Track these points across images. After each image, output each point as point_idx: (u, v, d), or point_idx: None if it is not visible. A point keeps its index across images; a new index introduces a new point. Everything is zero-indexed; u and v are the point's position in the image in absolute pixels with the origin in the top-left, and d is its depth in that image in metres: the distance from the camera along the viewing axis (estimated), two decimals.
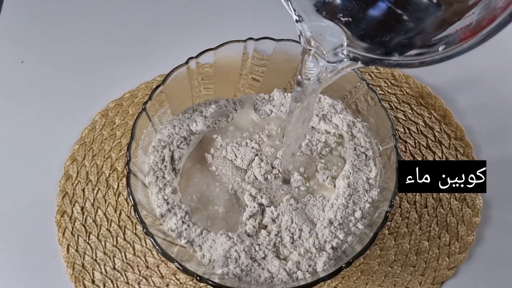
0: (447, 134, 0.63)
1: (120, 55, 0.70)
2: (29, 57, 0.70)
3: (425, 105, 0.65)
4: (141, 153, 0.51)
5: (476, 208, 0.58)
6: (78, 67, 0.69)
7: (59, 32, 0.72)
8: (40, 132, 0.64)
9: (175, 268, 0.55)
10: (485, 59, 0.69)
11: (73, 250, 0.56)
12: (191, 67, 0.54)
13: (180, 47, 0.66)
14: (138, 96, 0.66)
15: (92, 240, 0.57)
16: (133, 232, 0.58)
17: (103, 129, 0.64)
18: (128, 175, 0.47)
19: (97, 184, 0.60)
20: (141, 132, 0.51)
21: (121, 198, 0.59)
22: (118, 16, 0.74)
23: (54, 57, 0.70)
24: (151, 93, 0.51)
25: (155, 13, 0.74)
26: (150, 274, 0.56)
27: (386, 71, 0.67)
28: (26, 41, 0.72)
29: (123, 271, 0.56)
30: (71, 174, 0.61)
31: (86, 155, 0.62)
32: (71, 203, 0.59)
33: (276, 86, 0.60)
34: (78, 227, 0.58)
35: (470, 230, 0.57)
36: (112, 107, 0.65)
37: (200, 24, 0.73)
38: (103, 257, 0.56)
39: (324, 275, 0.44)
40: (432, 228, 0.58)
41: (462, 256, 0.56)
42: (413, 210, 0.59)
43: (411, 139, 0.63)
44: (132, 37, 0.71)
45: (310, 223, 0.50)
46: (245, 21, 0.73)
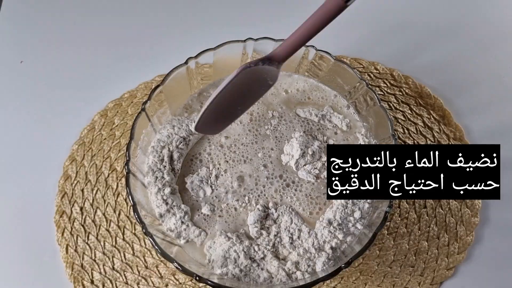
0: (446, 134, 0.63)
1: (119, 55, 0.70)
2: (28, 57, 0.70)
3: (424, 106, 0.65)
4: (140, 153, 0.51)
5: (475, 209, 0.58)
6: (77, 67, 0.69)
7: (58, 32, 0.72)
8: (39, 132, 0.64)
9: (174, 268, 0.55)
10: (484, 60, 0.70)
11: (72, 250, 0.56)
12: (191, 67, 0.53)
13: (180, 47, 0.66)
14: (137, 96, 0.66)
15: (91, 240, 0.57)
16: (132, 232, 0.58)
17: (102, 129, 0.63)
18: (127, 175, 0.47)
19: (96, 184, 0.60)
20: (140, 132, 0.51)
21: (120, 198, 0.59)
22: (117, 16, 0.74)
23: (53, 57, 0.70)
24: (150, 93, 0.51)
25: (154, 13, 0.74)
26: (149, 274, 0.56)
27: (385, 72, 0.68)
28: (25, 41, 0.72)
29: (122, 271, 0.56)
30: (70, 174, 0.60)
31: (85, 155, 0.62)
32: (70, 203, 0.59)
33: None
34: (77, 227, 0.58)
35: (469, 230, 0.57)
36: (111, 107, 0.65)
37: (199, 24, 0.73)
38: (102, 257, 0.56)
39: (323, 275, 0.44)
40: (431, 229, 0.58)
41: (461, 256, 0.56)
42: (412, 211, 0.59)
43: (410, 139, 0.63)
44: (132, 37, 0.71)
45: (309, 223, 0.50)
46: (245, 21, 0.73)
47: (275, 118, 0.56)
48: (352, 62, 0.68)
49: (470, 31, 0.72)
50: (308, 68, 0.58)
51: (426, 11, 0.75)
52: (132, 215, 0.58)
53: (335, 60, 0.54)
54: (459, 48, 0.71)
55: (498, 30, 0.72)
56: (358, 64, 0.68)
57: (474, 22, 0.73)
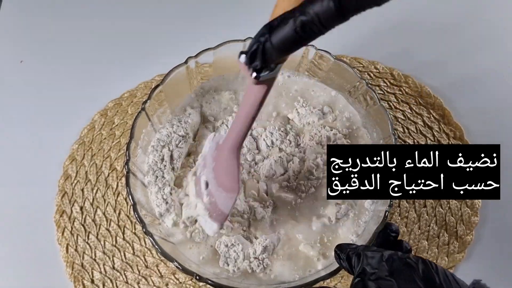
0: (446, 133, 0.63)
1: (119, 55, 0.70)
2: (28, 57, 0.70)
3: (424, 105, 0.65)
4: (140, 152, 0.51)
5: (475, 208, 0.58)
6: (77, 67, 0.69)
7: (57, 32, 0.72)
8: (39, 131, 0.63)
9: (174, 268, 0.55)
10: (484, 59, 0.70)
11: (72, 249, 0.56)
12: (190, 67, 0.53)
13: (179, 46, 0.66)
14: (137, 95, 0.66)
15: (92, 239, 0.57)
16: (132, 231, 0.58)
17: (102, 128, 0.63)
18: (128, 175, 0.47)
19: (96, 184, 0.60)
20: (140, 131, 0.51)
21: (120, 197, 0.59)
22: (117, 16, 0.73)
23: (52, 57, 0.70)
24: (150, 92, 0.51)
25: (154, 13, 0.74)
26: (150, 273, 0.56)
27: (385, 71, 0.67)
28: (25, 41, 0.72)
29: (122, 270, 0.56)
30: (70, 173, 0.60)
31: (85, 154, 0.62)
32: (70, 203, 0.59)
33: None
34: (77, 227, 0.58)
35: (469, 229, 0.57)
36: (111, 107, 0.65)
37: (199, 23, 0.73)
38: (103, 256, 0.56)
39: (324, 274, 0.44)
40: (431, 228, 0.58)
41: (461, 255, 0.56)
42: (412, 210, 0.59)
43: (410, 138, 0.63)
44: (131, 36, 0.71)
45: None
46: (245, 21, 0.73)
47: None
48: (352, 61, 0.68)
49: (470, 30, 0.72)
50: (308, 67, 0.57)
51: (426, 10, 0.75)
52: (132, 214, 0.58)
53: (335, 59, 0.54)
54: (459, 47, 0.71)
55: (498, 29, 0.72)
56: (358, 63, 0.68)
57: (474, 21, 0.73)
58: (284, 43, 0.29)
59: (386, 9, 0.79)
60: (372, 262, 0.35)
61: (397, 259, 0.35)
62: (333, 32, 0.29)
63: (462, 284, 0.34)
